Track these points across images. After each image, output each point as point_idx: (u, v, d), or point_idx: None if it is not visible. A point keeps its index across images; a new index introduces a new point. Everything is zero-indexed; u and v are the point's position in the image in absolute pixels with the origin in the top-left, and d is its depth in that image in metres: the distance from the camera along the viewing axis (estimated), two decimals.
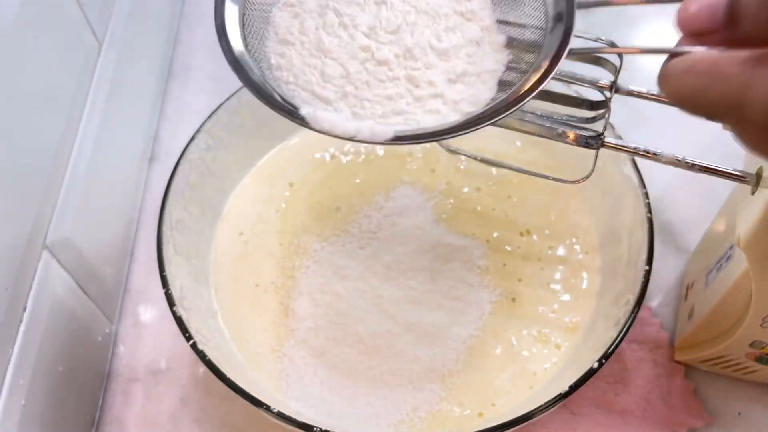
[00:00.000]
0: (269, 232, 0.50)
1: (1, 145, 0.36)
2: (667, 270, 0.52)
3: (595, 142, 0.36)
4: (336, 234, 0.50)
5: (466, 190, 0.51)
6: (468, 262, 0.48)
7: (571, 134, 0.37)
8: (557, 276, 0.48)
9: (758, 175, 0.34)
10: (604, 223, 0.49)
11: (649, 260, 0.41)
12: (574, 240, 0.49)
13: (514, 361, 0.44)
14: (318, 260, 0.49)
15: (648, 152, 0.36)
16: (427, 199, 0.51)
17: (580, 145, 0.37)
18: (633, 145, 0.36)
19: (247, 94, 0.50)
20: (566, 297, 0.47)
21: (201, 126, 0.48)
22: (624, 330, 0.39)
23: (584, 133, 0.36)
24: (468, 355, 0.45)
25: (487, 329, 0.46)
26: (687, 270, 0.51)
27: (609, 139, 0.36)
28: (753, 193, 0.34)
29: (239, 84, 0.50)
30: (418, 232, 0.49)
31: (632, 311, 0.39)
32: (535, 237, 0.49)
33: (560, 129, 0.36)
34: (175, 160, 0.46)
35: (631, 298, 0.40)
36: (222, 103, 0.49)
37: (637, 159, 0.43)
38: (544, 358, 0.44)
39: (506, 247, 0.49)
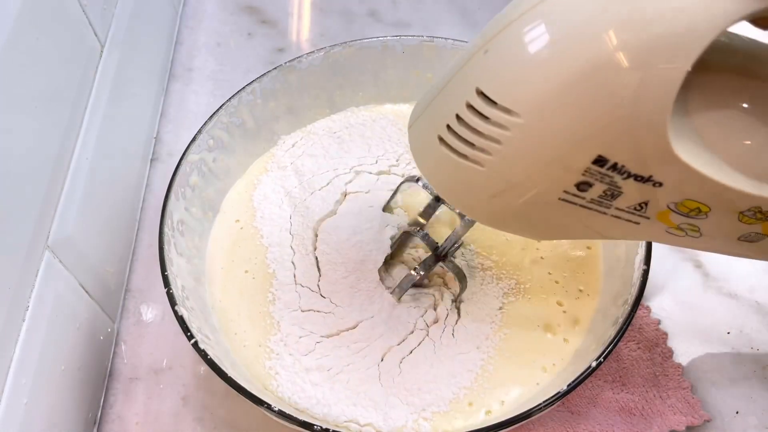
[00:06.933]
0: (267, 219, 0.50)
1: (3, 146, 0.36)
2: (665, 270, 0.52)
3: None
4: (337, 222, 0.50)
5: None
6: (475, 259, 0.48)
7: None
8: (564, 273, 0.48)
9: None
10: None
11: (647, 259, 0.41)
12: None
13: (522, 358, 0.44)
14: (318, 250, 0.49)
15: None
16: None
17: None
18: None
19: (247, 95, 0.51)
20: (572, 294, 0.47)
21: (202, 127, 0.48)
22: (622, 329, 0.39)
23: None
24: (478, 354, 0.44)
25: (497, 327, 0.45)
26: None
27: None
28: None
29: (240, 84, 0.51)
30: None
31: (630, 311, 0.40)
32: None
33: None
34: (177, 160, 0.47)
35: (630, 298, 0.41)
36: (223, 104, 0.50)
37: None
38: (551, 354, 0.44)
39: (512, 243, 0.49)
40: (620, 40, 0.27)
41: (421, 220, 0.48)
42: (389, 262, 0.48)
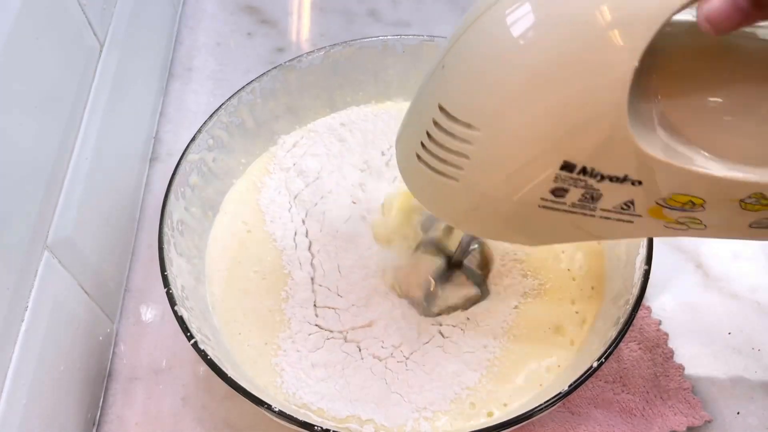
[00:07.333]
0: (278, 223, 0.50)
1: (2, 145, 0.36)
2: (666, 270, 0.52)
3: None
4: (347, 221, 0.50)
5: None
6: (508, 246, 0.48)
7: None
8: (582, 271, 0.48)
9: None
10: None
11: (648, 260, 0.41)
12: None
13: (528, 360, 0.44)
14: (329, 251, 0.48)
15: None
16: None
17: None
18: None
19: (247, 94, 0.51)
20: (585, 292, 0.47)
21: (202, 126, 0.48)
22: (623, 329, 0.39)
23: None
24: (485, 353, 0.44)
25: (507, 327, 0.45)
26: None
27: None
28: None
29: (239, 84, 0.51)
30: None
31: (631, 311, 0.40)
32: None
33: None
34: (176, 160, 0.46)
35: (631, 298, 0.41)
36: (222, 104, 0.49)
37: None
38: (557, 355, 0.44)
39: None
40: (562, 36, 0.27)
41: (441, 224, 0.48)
42: (408, 271, 0.48)
